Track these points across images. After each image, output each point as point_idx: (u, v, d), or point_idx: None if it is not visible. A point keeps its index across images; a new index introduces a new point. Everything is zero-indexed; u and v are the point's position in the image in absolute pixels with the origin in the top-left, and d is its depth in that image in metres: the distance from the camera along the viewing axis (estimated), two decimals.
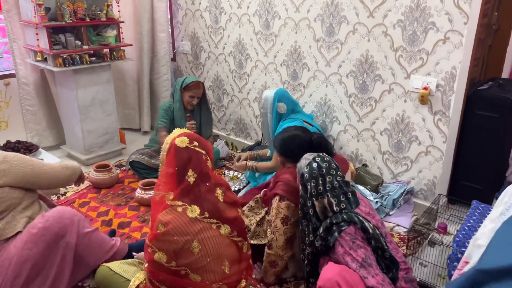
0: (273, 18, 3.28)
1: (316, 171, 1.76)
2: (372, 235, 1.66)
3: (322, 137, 2.14)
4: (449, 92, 2.55)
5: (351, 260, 1.61)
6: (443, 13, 2.44)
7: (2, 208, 1.86)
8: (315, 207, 1.77)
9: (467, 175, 2.76)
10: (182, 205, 1.65)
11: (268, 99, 2.90)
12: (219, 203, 1.73)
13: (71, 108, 3.44)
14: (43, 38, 3.11)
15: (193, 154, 1.69)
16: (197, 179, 1.68)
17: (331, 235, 1.69)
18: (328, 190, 1.74)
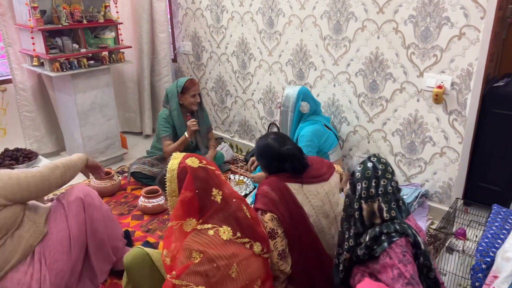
0: (277, 16, 3.16)
1: (370, 171, 1.56)
2: (424, 251, 1.52)
3: (294, 149, 1.95)
4: (465, 90, 2.42)
5: (398, 274, 1.45)
6: (458, 8, 2.31)
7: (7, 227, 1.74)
8: (362, 211, 1.58)
9: (484, 176, 2.64)
10: (213, 227, 1.50)
11: (290, 97, 2.78)
12: (248, 220, 1.60)
13: (70, 113, 3.34)
14: (39, 42, 3.00)
15: (209, 171, 1.56)
16: (223, 197, 1.55)
17: (379, 245, 1.52)
18: (381, 194, 1.56)
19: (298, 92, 2.76)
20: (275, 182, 1.89)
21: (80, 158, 2.06)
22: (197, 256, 1.43)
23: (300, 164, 1.92)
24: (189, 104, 3.11)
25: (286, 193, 1.86)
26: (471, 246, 2.28)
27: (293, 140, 2.80)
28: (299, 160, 1.92)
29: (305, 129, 2.73)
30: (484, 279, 1.77)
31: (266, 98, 3.50)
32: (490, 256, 1.83)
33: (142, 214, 2.79)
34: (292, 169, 1.91)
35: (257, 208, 1.85)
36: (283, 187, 1.87)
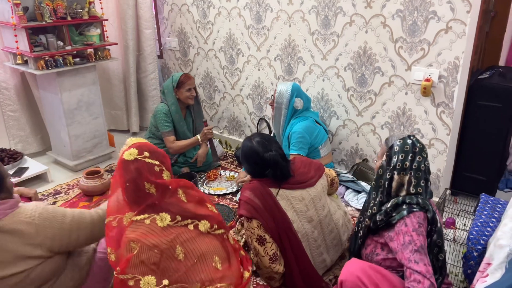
0: (265, 11, 3.16)
1: (409, 146, 1.66)
2: (439, 229, 1.60)
3: (277, 156, 1.91)
4: (452, 83, 2.48)
5: (409, 241, 1.52)
6: (444, 2, 2.35)
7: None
8: (392, 181, 1.67)
9: (470, 166, 2.72)
10: (149, 217, 1.48)
11: (283, 93, 2.79)
12: (184, 204, 1.58)
13: (56, 112, 3.28)
14: (23, 40, 2.92)
15: (142, 165, 1.51)
16: (157, 189, 1.52)
17: (398, 212, 1.61)
18: (414, 169, 1.64)
19: (292, 89, 2.77)
20: (257, 188, 1.88)
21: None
22: (136, 246, 1.41)
23: (281, 172, 1.90)
24: (185, 98, 3.10)
25: (269, 199, 1.86)
26: (461, 235, 2.34)
27: (286, 136, 2.82)
28: (281, 168, 1.89)
29: (297, 126, 2.75)
30: (476, 267, 1.83)
31: (255, 93, 3.50)
32: (481, 244, 1.88)
33: None
34: (273, 176, 1.90)
35: (241, 214, 1.86)
36: (266, 193, 1.87)
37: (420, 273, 1.45)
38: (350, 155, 3.10)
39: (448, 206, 2.55)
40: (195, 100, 3.21)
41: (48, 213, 1.54)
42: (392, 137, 1.74)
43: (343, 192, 2.88)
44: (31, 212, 1.51)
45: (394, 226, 1.60)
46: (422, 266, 1.47)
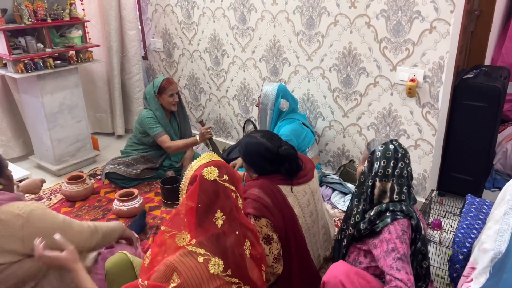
0: (249, 11, 3.12)
1: (391, 152, 1.62)
2: (423, 237, 1.58)
3: (291, 148, 1.89)
4: (437, 83, 2.46)
5: (392, 249, 1.49)
6: (428, 2, 2.33)
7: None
8: (374, 188, 1.63)
9: (457, 167, 2.71)
10: (204, 255, 1.32)
11: (269, 95, 2.73)
12: (245, 259, 1.40)
13: (37, 116, 3.20)
14: (1, 43, 2.85)
15: (221, 190, 1.37)
16: (225, 224, 1.36)
17: (382, 220, 1.57)
18: (396, 175, 1.61)
19: (278, 90, 2.72)
20: (267, 185, 1.81)
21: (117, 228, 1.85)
22: (176, 279, 1.28)
23: (296, 165, 1.85)
24: (168, 104, 3.00)
25: (279, 197, 1.80)
26: (448, 237, 2.32)
27: None
28: (296, 161, 1.85)
29: (284, 128, 2.71)
30: (461, 270, 1.80)
31: (240, 94, 3.46)
32: (467, 246, 1.86)
33: (117, 218, 2.71)
34: (289, 171, 1.84)
35: (249, 213, 1.77)
36: (276, 191, 1.81)
37: (402, 281, 1.42)
38: (337, 156, 3.08)
39: (434, 207, 2.53)
40: (179, 105, 3.13)
41: (41, 210, 1.51)
42: (374, 142, 1.70)
43: (329, 194, 2.85)
44: (24, 206, 1.48)
45: (379, 234, 1.57)
46: (404, 274, 1.44)
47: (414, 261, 1.58)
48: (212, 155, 1.48)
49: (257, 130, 2.03)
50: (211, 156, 1.47)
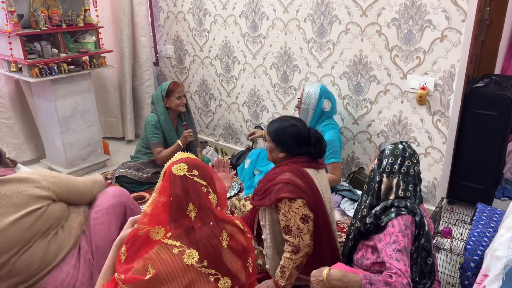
0: (261, 19, 3.16)
1: (399, 151, 1.70)
2: (427, 232, 1.61)
3: (318, 133, 2.03)
4: (448, 91, 2.47)
5: (393, 241, 1.54)
6: (439, 11, 2.35)
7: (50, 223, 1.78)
8: (381, 184, 1.71)
9: (467, 175, 2.70)
10: (179, 247, 1.34)
11: (311, 94, 2.71)
12: (221, 250, 1.41)
13: (50, 120, 3.25)
14: (17, 47, 2.91)
15: (190, 184, 1.41)
16: (198, 216, 1.40)
17: (386, 215, 1.63)
18: (402, 173, 1.68)
19: (321, 90, 2.70)
20: (296, 168, 1.91)
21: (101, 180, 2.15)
22: (151, 271, 1.30)
23: (321, 148, 1.98)
24: (176, 106, 3.05)
25: (308, 178, 1.90)
26: (458, 244, 2.32)
27: None
28: (321, 145, 1.98)
29: (331, 134, 2.69)
30: (473, 277, 1.80)
31: (250, 101, 3.49)
32: (478, 254, 1.86)
33: None
34: (318, 153, 1.97)
35: (283, 197, 1.83)
36: (304, 173, 1.91)
37: (400, 270, 1.46)
38: (346, 163, 3.09)
39: (444, 215, 2.53)
40: (186, 109, 3.18)
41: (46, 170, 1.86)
42: (386, 143, 1.79)
43: (339, 201, 2.85)
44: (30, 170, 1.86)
45: (383, 229, 1.62)
46: (402, 265, 1.48)
47: (418, 258, 1.61)
48: (185, 153, 1.52)
49: (290, 116, 2.13)
50: (184, 154, 1.51)
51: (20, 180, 1.71)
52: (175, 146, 3.01)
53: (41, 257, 1.70)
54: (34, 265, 1.69)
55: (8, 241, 1.62)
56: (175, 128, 3.15)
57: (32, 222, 1.67)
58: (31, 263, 1.68)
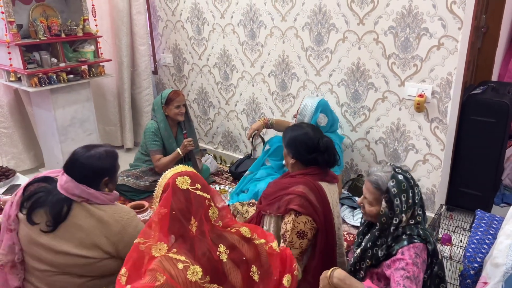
0: (259, 27, 3.18)
1: (405, 183, 1.58)
2: (440, 261, 1.57)
3: (330, 141, 2.00)
4: (445, 98, 2.48)
5: (402, 267, 1.47)
6: (436, 19, 2.37)
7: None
8: (400, 223, 1.57)
9: (465, 182, 2.71)
10: (184, 262, 1.34)
11: (308, 107, 2.71)
12: (222, 264, 1.41)
13: (49, 129, 3.26)
14: (16, 57, 2.92)
15: (193, 198, 1.41)
16: (198, 231, 1.39)
17: (398, 242, 1.55)
18: (417, 202, 1.60)
19: (318, 104, 2.69)
20: (309, 181, 1.89)
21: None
22: (161, 279, 1.29)
23: (334, 157, 1.96)
24: (174, 115, 3.05)
25: (321, 192, 1.88)
26: (458, 252, 2.32)
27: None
28: (334, 154, 1.96)
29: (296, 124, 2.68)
30: (473, 285, 1.80)
31: (249, 109, 3.50)
32: (478, 261, 1.86)
33: None
34: (326, 162, 1.94)
35: (291, 208, 1.82)
36: (318, 186, 1.89)
37: None
38: (345, 170, 3.09)
39: (443, 222, 2.53)
40: (186, 117, 3.19)
41: (136, 221, 1.73)
42: (381, 179, 1.61)
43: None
44: (123, 214, 1.70)
45: (393, 256, 1.56)
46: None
47: (431, 285, 1.57)
48: (186, 167, 1.52)
49: (304, 123, 2.14)
50: (185, 167, 1.50)
51: (101, 220, 1.64)
52: (175, 155, 3.01)
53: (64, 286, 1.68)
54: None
55: (53, 260, 1.62)
56: (175, 136, 3.16)
57: (79, 264, 1.64)
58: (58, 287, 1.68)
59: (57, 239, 1.61)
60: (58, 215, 1.60)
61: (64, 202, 1.62)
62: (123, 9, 3.60)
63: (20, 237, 1.69)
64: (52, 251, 1.61)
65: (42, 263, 1.64)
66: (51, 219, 1.61)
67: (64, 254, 1.61)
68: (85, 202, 1.66)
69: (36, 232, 1.63)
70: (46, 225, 1.61)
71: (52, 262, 1.63)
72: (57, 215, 1.60)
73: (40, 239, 1.62)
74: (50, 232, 1.61)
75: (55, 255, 1.62)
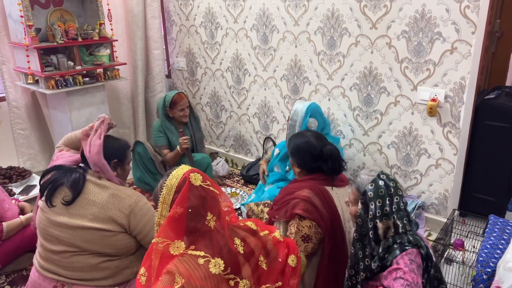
0: (271, 32, 3.20)
1: (383, 189, 1.55)
2: (435, 263, 1.55)
3: (334, 149, 2.00)
4: (458, 103, 2.47)
5: (400, 276, 1.46)
6: (449, 23, 2.37)
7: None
8: (376, 229, 1.56)
9: (478, 187, 2.69)
10: (204, 257, 1.34)
11: (298, 112, 2.73)
12: (239, 256, 1.43)
13: (65, 131, 3.31)
14: (34, 60, 2.99)
15: (207, 193, 1.42)
16: (217, 225, 1.40)
17: (390, 253, 1.53)
18: (395, 211, 1.55)
19: (307, 108, 2.71)
20: (315, 185, 1.89)
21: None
22: (179, 281, 1.28)
23: (339, 165, 1.95)
24: (179, 117, 3.18)
25: (327, 197, 1.88)
26: (470, 257, 2.30)
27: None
28: (338, 162, 1.96)
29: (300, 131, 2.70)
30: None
31: (261, 112, 3.53)
32: (491, 266, 1.85)
33: None
34: (331, 169, 1.94)
35: (296, 213, 1.83)
36: (324, 191, 1.89)
37: None
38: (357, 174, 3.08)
39: (456, 227, 2.51)
40: (192, 116, 3.29)
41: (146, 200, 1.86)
42: (362, 180, 1.62)
43: None
44: (132, 191, 1.85)
45: (388, 267, 1.54)
46: None
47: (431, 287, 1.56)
48: (187, 166, 1.52)
49: (309, 130, 2.15)
50: (188, 167, 1.51)
51: (114, 195, 1.78)
52: (176, 151, 3.15)
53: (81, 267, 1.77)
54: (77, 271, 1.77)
55: (71, 238, 1.73)
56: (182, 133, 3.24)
57: (96, 238, 1.74)
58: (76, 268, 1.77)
59: (73, 217, 1.73)
60: (76, 185, 1.75)
61: (80, 178, 1.78)
62: (138, 13, 3.66)
63: (38, 223, 1.81)
64: (69, 228, 1.73)
65: (60, 243, 1.75)
66: (69, 192, 1.75)
67: (80, 229, 1.72)
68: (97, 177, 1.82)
69: (53, 213, 1.75)
70: (64, 200, 1.74)
71: (70, 240, 1.73)
72: (75, 185, 1.75)
73: (57, 219, 1.74)
74: (68, 205, 1.74)
75: (72, 231, 1.73)
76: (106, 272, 1.78)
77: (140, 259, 1.83)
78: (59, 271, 1.76)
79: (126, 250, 1.82)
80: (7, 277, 2.34)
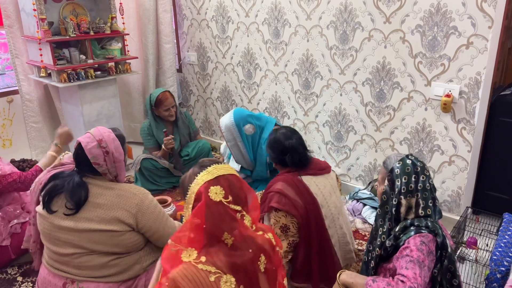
0: (283, 26, 3.18)
1: (410, 167, 1.58)
2: (450, 254, 1.53)
3: (298, 144, 2.02)
4: (473, 99, 2.43)
5: (407, 254, 1.47)
6: (465, 17, 2.33)
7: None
8: (399, 206, 1.59)
9: (492, 184, 2.64)
10: (215, 273, 1.26)
11: (230, 128, 2.67)
12: (259, 276, 1.34)
13: (76, 124, 3.34)
14: (47, 54, 3.01)
15: (226, 213, 1.32)
16: (235, 243, 1.31)
17: (405, 233, 1.54)
18: (420, 190, 1.57)
19: (234, 119, 2.67)
20: (289, 177, 1.97)
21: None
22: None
23: (300, 158, 2.00)
24: (164, 117, 3.19)
25: (300, 186, 1.93)
26: (484, 255, 2.27)
27: (264, 166, 2.84)
28: (300, 154, 2.01)
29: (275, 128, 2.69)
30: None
31: (271, 107, 3.51)
32: (505, 265, 1.82)
33: None
34: (292, 162, 2.00)
35: (271, 207, 1.91)
36: (297, 181, 1.95)
37: (406, 277, 1.40)
38: (368, 171, 3.06)
39: (469, 225, 2.48)
40: (180, 116, 3.28)
41: (152, 197, 1.83)
42: (390, 159, 1.66)
43: (360, 209, 2.83)
44: (138, 188, 1.82)
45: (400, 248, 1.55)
46: (411, 273, 1.41)
47: (443, 280, 1.54)
48: (220, 167, 1.38)
49: (283, 127, 2.21)
50: (219, 169, 1.37)
51: (119, 195, 1.75)
52: (162, 151, 3.17)
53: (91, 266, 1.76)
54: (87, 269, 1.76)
55: (79, 241, 1.71)
56: (171, 132, 3.28)
57: (104, 239, 1.72)
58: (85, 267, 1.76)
59: (79, 220, 1.70)
60: (79, 199, 1.70)
61: (81, 186, 1.72)
62: (150, 7, 3.66)
63: (41, 229, 1.78)
64: (76, 231, 1.70)
65: (68, 246, 1.73)
66: (72, 203, 1.70)
67: (88, 232, 1.70)
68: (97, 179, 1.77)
69: (58, 218, 1.72)
70: (68, 208, 1.70)
71: (77, 242, 1.71)
72: (78, 199, 1.70)
73: (63, 223, 1.71)
74: (72, 215, 1.70)
75: (79, 234, 1.70)
76: (116, 269, 1.78)
77: (149, 253, 1.86)
78: (68, 270, 1.76)
79: (135, 247, 1.81)
80: (19, 268, 2.37)
